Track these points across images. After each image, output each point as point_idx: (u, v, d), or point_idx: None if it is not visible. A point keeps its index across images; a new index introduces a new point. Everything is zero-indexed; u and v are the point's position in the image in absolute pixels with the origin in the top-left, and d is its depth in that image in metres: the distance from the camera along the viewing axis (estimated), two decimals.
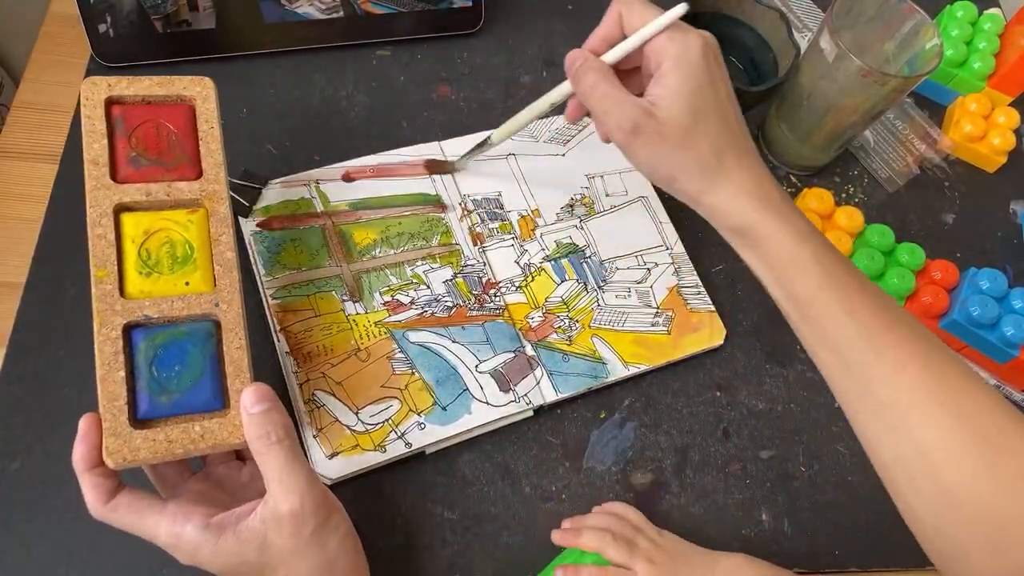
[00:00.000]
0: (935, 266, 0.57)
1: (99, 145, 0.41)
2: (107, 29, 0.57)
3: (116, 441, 0.36)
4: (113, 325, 0.37)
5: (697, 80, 0.38)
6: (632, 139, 0.38)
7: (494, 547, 0.47)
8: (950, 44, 0.66)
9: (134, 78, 0.42)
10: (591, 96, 0.40)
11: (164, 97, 0.43)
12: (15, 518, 0.44)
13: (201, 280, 0.40)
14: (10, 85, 0.81)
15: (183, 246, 0.40)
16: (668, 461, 0.50)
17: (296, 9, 0.59)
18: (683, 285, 0.55)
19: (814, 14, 0.71)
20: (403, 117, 0.61)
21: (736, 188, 0.38)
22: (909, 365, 0.35)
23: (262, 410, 0.37)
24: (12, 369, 0.48)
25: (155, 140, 0.42)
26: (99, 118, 0.41)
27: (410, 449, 0.47)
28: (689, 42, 0.38)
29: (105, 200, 0.40)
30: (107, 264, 0.38)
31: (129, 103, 0.42)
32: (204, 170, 0.42)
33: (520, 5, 0.68)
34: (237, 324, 0.39)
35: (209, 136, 0.43)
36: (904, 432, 0.34)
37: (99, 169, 0.40)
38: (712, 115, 0.38)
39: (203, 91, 0.44)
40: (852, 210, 0.57)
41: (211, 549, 0.35)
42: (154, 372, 0.37)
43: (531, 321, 0.52)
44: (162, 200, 0.41)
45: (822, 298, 0.37)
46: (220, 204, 0.42)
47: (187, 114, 0.43)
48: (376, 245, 0.53)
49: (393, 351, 0.50)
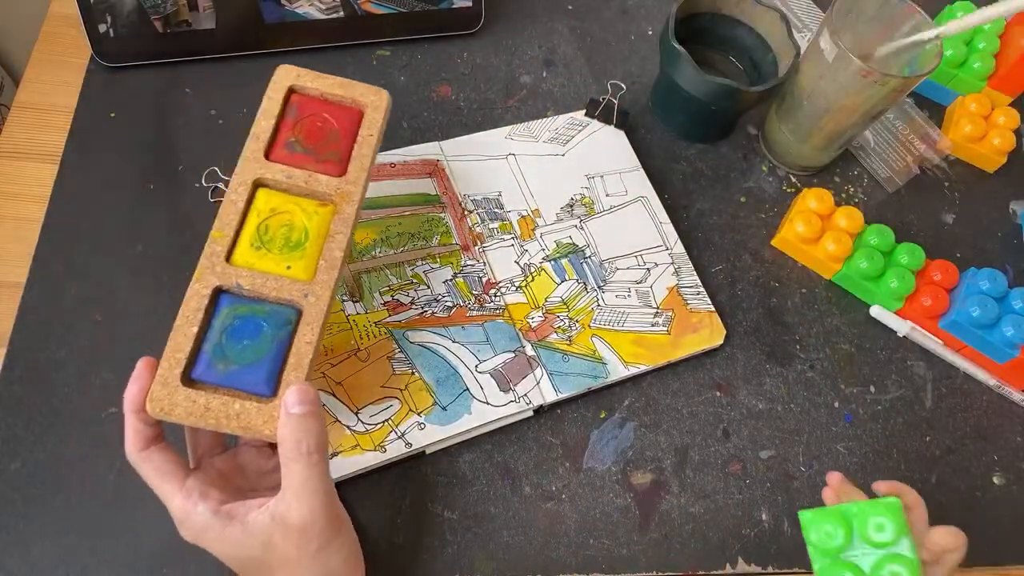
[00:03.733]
0: (935, 266, 0.57)
1: (267, 124, 0.43)
2: (107, 29, 0.57)
3: (162, 390, 0.36)
4: (207, 283, 0.39)
5: None
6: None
7: (494, 547, 0.47)
8: (950, 44, 0.66)
9: (320, 75, 0.45)
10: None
11: (341, 97, 0.45)
12: (15, 518, 0.44)
13: (302, 268, 0.40)
14: (10, 85, 0.82)
15: (300, 232, 0.41)
16: (668, 461, 0.50)
17: (296, 9, 0.59)
18: (683, 285, 0.55)
19: (814, 14, 0.71)
20: (403, 117, 0.61)
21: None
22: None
23: (301, 413, 0.36)
24: (12, 369, 0.48)
25: (316, 132, 0.44)
26: (278, 101, 0.44)
27: (410, 449, 0.47)
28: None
29: (249, 172, 0.42)
30: (226, 228, 0.40)
31: (308, 95, 0.45)
32: (348, 171, 0.44)
33: (520, 5, 0.68)
34: (317, 320, 0.40)
35: (365, 143, 0.45)
36: None
37: (257, 144, 0.43)
38: None
39: (377, 101, 0.46)
40: (852, 210, 0.57)
41: (216, 535, 0.35)
42: (223, 339, 0.38)
43: (531, 321, 0.52)
44: (299, 186, 0.42)
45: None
46: (349, 205, 0.43)
47: (355, 117, 0.45)
48: (376, 245, 0.53)
49: (393, 351, 0.50)
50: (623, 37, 0.68)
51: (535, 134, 0.60)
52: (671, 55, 0.56)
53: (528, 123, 0.60)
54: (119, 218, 0.54)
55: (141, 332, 0.50)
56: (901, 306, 0.56)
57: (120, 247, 0.53)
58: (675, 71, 0.57)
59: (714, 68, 0.63)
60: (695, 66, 0.55)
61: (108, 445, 0.46)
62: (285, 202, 0.42)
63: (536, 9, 0.69)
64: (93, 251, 0.52)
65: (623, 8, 0.70)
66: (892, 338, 0.57)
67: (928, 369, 0.56)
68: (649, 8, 0.70)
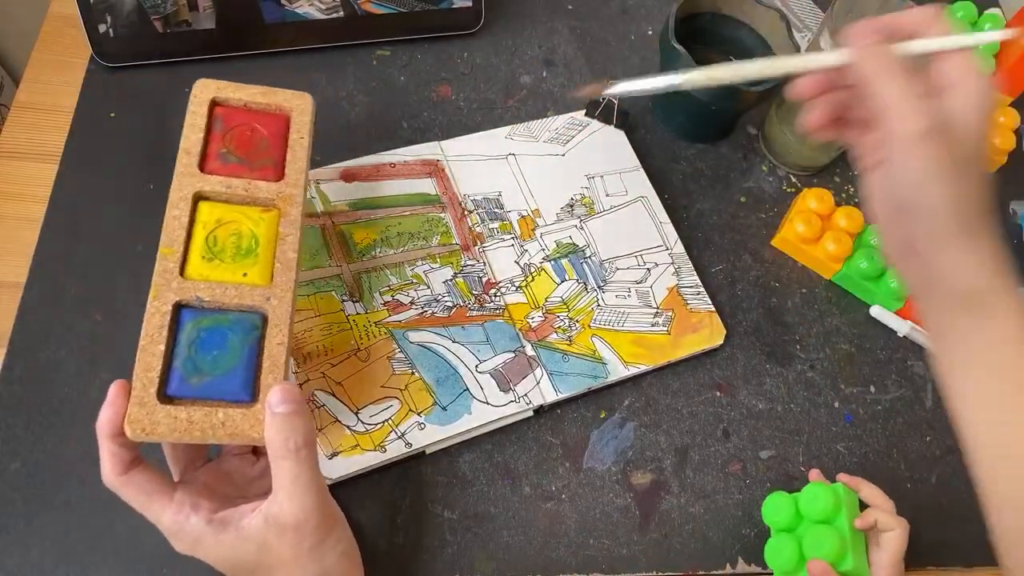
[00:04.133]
0: None
1: (195, 138, 0.44)
2: (107, 29, 0.57)
3: (140, 411, 0.36)
4: (166, 300, 0.39)
5: (986, 119, 0.33)
6: (924, 138, 0.32)
7: (494, 547, 0.47)
8: None
9: (241, 85, 0.46)
10: (887, 80, 0.33)
11: (265, 105, 0.46)
12: (15, 518, 0.44)
13: (259, 274, 0.41)
14: (10, 85, 0.82)
15: (249, 239, 0.42)
16: (668, 461, 0.50)
17: (296, 9, 0.59)
18: (683, 285, 0.55)
19: (814, 14, 0.71)
20: (403, 117, 0.61)
21: (987, 247, 0.34)
22: None
23: (286, 412, 0.36)
24: (12, 369, 0.48)
25: (247, 141, 0.45)
26: (202, 115, 0.44)
27: (410, 449, 0.47)
28: (986, 81, 0.34)
29: (187, 186, 0.42)
30: (174, 243, 0.40)
31: (231, 106, 0.46)
32: (286, 174, 0.44)
33: (520, 5, 0.68)
34: (283, 321, 0.40)
35: (298, 145, 0.45)
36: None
37: (190, 158, 0.43)
38: (984, 161, 0.34)
39: (301, 105, 0.47)
40: (852, 210, 0.57)
41: (212, 543, 0.35)
42: (192, 353, 0.38)
43: (531, 321, 0.52)
44: (240, 195, 0.43)
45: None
46: (293, 207, 0.43)
47: (282, 123, 0.46)
48: (376, 245, 0.53)
49: (393, 351, 0.50)
50: (623, 37, 0.68)
51: (535, 134, 0.60)
52: (671, 55, 0.56)
53: (528, 123, 0.60)
54: (119, 218, 0.54)
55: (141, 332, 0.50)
56: (901, 306, 0.56)
57: (120, 247, 0.53)
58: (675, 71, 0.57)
59: None
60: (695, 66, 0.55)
61: None
62: (229, 212, 0.42)
63: (536, 9, 0.69)
64: (93, 251, 0.52)
65: (623, 8, 0.70)
66: (892, 338, 0.57)
67: (928, 369, 0.56)
68: (649, 8, 0.70)
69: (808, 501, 0.45)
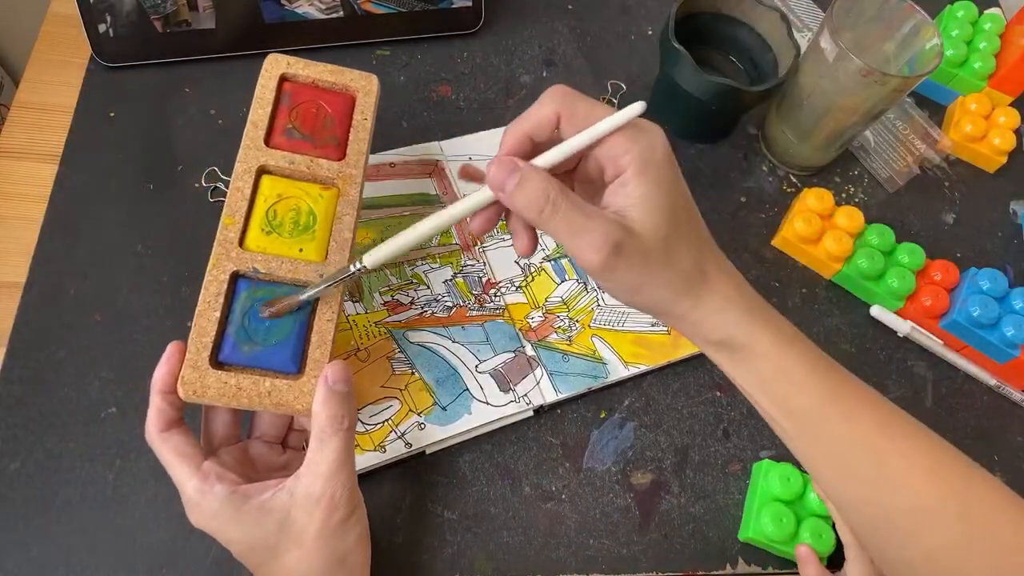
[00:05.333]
0: (935, 266, 0.57)
1: (263, 111, 0.44)
2: (107, 29, 0.57)
3: (193, 373, 0.37)
4: (224, 269, 0.39)
5: (669, 185, 0.33)
6: (613, 262, 0.32)
7: (494, 547, 0.47)
8: (950, 44, 0.66)
9: (310, 62, 0.46)
10: (549, 216, 0.32)
11: (332, 84, 0.46)
12: (15, 518, 0.44)
13: (314, 250, 0.41)
14: (10, 85, 0.82)
15: (307, 216, 0.42)
16: (668, 461, 0.50)
17: (296, 9, 0.59)
18: None
19: (814, 14, 0.71)
20: (403, 117, 0.61)
21: (721, 300, 0.34)
22: (914, 473, 0.34)
23: (343, 390, 0.37)
24: (12, 369, 0.48)
25: (312, 118, 0.45)
26: (271, 89, 0.45)
27: (410, 449, 0.47)
28: (653, 141, 0.33)
29: (252, 159, 0.42)
30: (236, 214, 0.41)
31: (300, 82, 0.46)
32: (347, 155, 0.45)
33: (520, 5, 0.68)
34: (335, 299, 0.41)
35: (361, 127, 0.46)
36: (912, 539, 0.34)
37: (256, 131, 0.43)
38: (686, 222, 0.34)
39: (367, 86, 0.47)
40: (852, 210, 0.57)
41: (230, 516, 0.35)
42: (246, 322, 0.39)
43: (531, 321, 0.52)
44: (302, 171, 0.43)
45: (822, 412, 0.35)
46: (352, 187, 0.44)
47: (347, 103, 0.46)
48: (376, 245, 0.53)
49: (393, 351, 0.50)
50: (623, 37, 0.68)
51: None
52: (671, 55, 0.56)
53: None
54: (119, 218, 0.54)
55: (141, 332, 0.50)
56: (901, 306, 0.56)
57: (120, 247, 0.53)
58: (675, 71, 0.57)
59: (714, 68, 0.63)
60: (695, 66, 0.55)
61: (108, 445, 0.46)
62: (290, 187, 0.43)
63: (536, 9, 0.68)
64: (93, 251, 0.52)
65: (623, 8, 0.70)
66: (892, 338, 0.57)
67: (928, 369, 0.56)
68: (649, 8, 0.70)
69: None
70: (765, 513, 0.47)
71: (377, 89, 0.47)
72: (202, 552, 0.44)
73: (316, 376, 0.38)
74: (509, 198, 0.33)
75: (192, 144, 0.57)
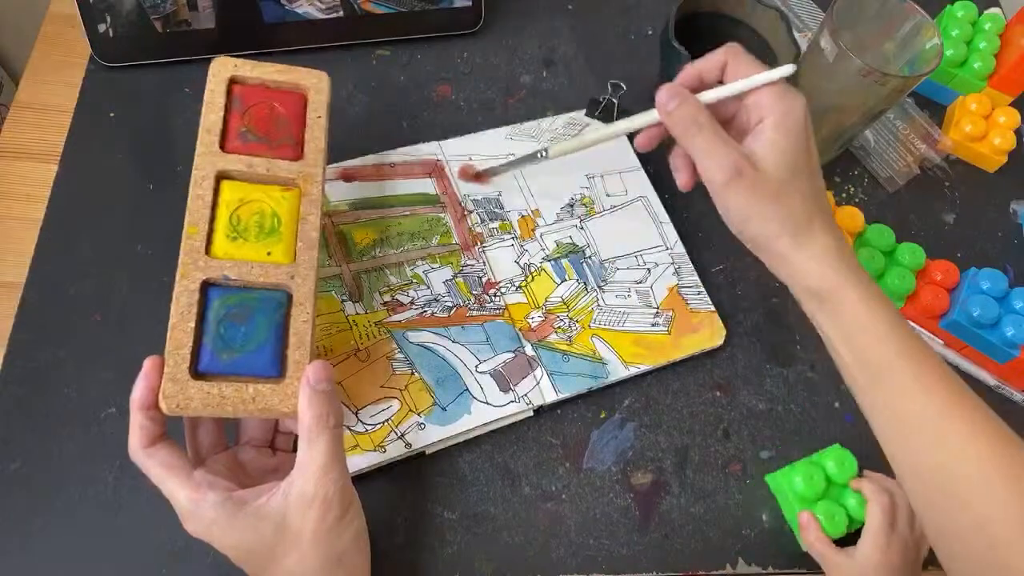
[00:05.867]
0: (935, 266, 0.57)
1: (215, 116, 0.44)
2: (107, 29, 0.57)
3: (174, 387, 0.37)
4: (193, 279, 0.39)
5: (798, 141, 0.38)
6: (730, 185, 0.38)
7: (494, 547, 0.47)
8: (950, 44, 0.66)
9: (257, 63, 0.46)
10: (693, 134, 0.39)
11: (282, 83, 0.46)
12: (15, 518, 0.44)
13: (282, 252, 0.41)
14: (10, 85, 0.82)
15: (271, 218, 0.42)
16: (668, 461, 0.50)
17: (296, 9, 0.59)
18: (683, 285, 0.55)
19: (814, 14, 0.71)
20: (403, 117, 0.61)
21: (822, 250, 0.38)
22: (977, 441, 0.35)
23: (326, 389, 0.37)
24: (12, 369, 0.48)
25: (265, 120, 0.45)
26: (220, 93, 0.44)
27: (410, 449, 0.47)
28: (795, 103, 0.38)
29: (209, 165, 0.42)
30: (199, 223, 0.41)
31: (249, 84, 0.45)
32: (305, 154, 0.45)
33: (520, 5, 0.68)
34: (307, 299, 0.41)
35: (316, 125, 0.46)
36: (966, 505, 0.35)
37: (210, 137, 0.43)
38: (806, 176, 0.39)
39: (318, 83, 0.47)
40: (852, 210, 0.57)
41: (226, 523, 0.35)
42: (221, 330, 0.39)
43: (531, 321, 0.52)
44: (261, 174, 0.43)
45: (897, 367, 0.37)
46: (314, 186, 0.44)
47: (299, 102, 0.46)
48: (376, 245, 0.53)
49: (393, 351, 0.50)
50: (623, 37, 0.68)
51: (535, 134, 0.60)
52: (671, 55, 0.56)
53: (528, 123, 0.60)
54: (119, 218, 0.54)
55: (141, 332, 0.50)
56: (901, 306, 0.56)
57: (120, 247, 0.53)
58: (675, 71, 0.57)
59: None
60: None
61: (108, 445, 0.46)
62: (251, 191, 0.43)
63: (536, 9, 0.68)
64: (93, 251, 0.52)
65: (623, 8, 0.70)
66: None
67: None
68: (649, 8, 0.70)
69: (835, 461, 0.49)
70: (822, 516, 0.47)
71: (328, 86, 0.47)
72: (202, 552, 0.44)
73: (299, 378, 0.38)
74: (668, 116, 0.40)
75: (192, 144, 0.57)
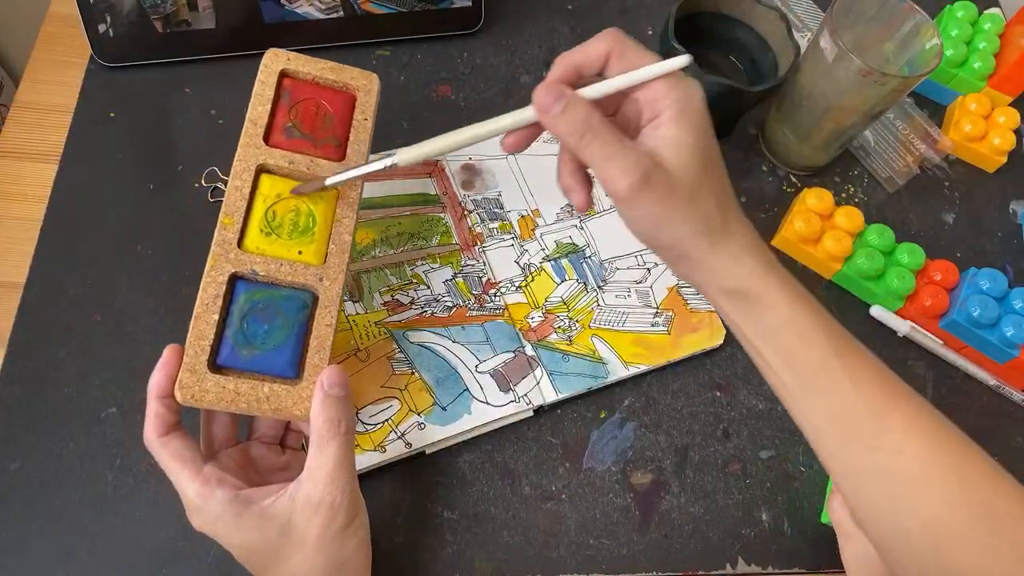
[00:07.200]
0: (935, 266, 0.57)
1: (262, 108, 0.43)
2: (107, 29, 0.57)
3: (191, 377, 0.36)
4: (222, 270, 0.39)
5: (701, 134, 0.35)
6: (640, 191, 0.34)
7: (494, 547, 0.47)
8: (950, 44, 0.66)
9: (311, 58, 0.45)
10: (588, 141, 0.34)
11: (332, 82, 0.45)
12: (15, 518, 0.44)
13: (314, 253, 0.41)
14: (10, 85, 0.82)
15: (307, 217, 0.41)
16: (668, 461, 0.50)
17: (296, 9, 0.59)
18: (683, 285, 0.55)
19: (814, 14, 0.71)
20: (403, 117, 0.61)
21: (739, 248, 0.35)
22: (916, 437, 0.34)
23: (340, 395, 0.37)
24: (12, 369, 0.48)
25: (312, 117, 0.44)
26: (270, 85, 0.44)
27: (410, 449, 0.47)
28: (691, 91, 0.35)
29: (252, 157, 0.42)
30: (235, 214, 0.40)
31: (300, 79, 0.45)
32: (347, 155, 0.44)
33: (520, 5, 0.68)
34: (333, 303, 0.40)
35: (361, 127, 0.45)
36: (907, 505, 0.34)
37: (255, 129, 0.42)
38: (714, 171, 0.36)
39: (368, 85, 0.46)
40: (852, 210, 0.57)
41: (232, 521, 0.35)
42: (244, 325, 0.38)
43: (531, 321, 0.52)
44: (302, 171, 0.42)
45: (828, 367, 0.35)
46: (353, 189, 0.43)
47: (348, 102, 0.45)
48: (376, 245, 0.53)
49: (393, 351, 0.50)
50: None
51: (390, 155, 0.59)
52: (671, 55, 0.56)
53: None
54: (119, 218, 0.54)
55: (141, 332, 0.50)
56: (901, 306, 0.56)
57: (120, 247, 0.53)
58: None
59: (714, 68, 0.63)
60: (695, 66, 0.55)
61: (108, 445, 0.46)
62: (289, 187, 0.42)
63: (536, 9, 0.68)
64: (93, 251, 0.52)
65: (623, 8, 0.70)
66: (892, 338, 0.57)
67: (928, 369, 0.56)
68: (649, 8, 0.70)
69: None
70: None
71: (378, 89, 0.46)
72: (202, 552, 0.44)
73: (315, 382, 0.38)
74: (552, 121, 0.35)
75: (192, 144, 0.57)
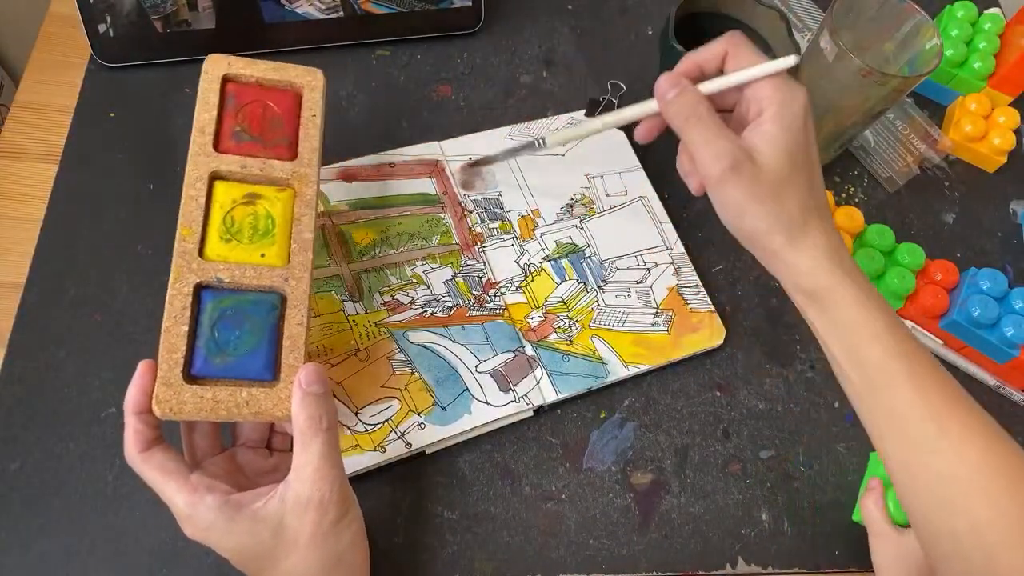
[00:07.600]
0: (935, 266, 0.57)
1: (208, 116, 0.43)
2: (107, 29, 0.57)
3: (167, 391, 0.36)
4: (186, 281, 0.39)
5: (797, 135, 0.37)
6: (728, 177, 0.36)
7: (494, 547, 0.47)
8: (950, 44, 0.66)
9: (251, 60, 0.45)
10: (692, 124, 0.38)
11: (276, 82, 0.45)
12: (15, 518, 0.44)
13: (276, 254, 0.41)
14: (10, 85, 0.82)
15: (266, 220, 0.42)
16: (668, 461, 0.50)
17: (296, 9, 0.59)
18: (683, 285, 0.55)
19: (814, 14, 0.71)
20: (403, 117, 0.61)
21: (816, 249, 0.37)
22: (972, 443, 0.35)
23: (319, 392, 0.37)
24: (12, 369, 0.48)
25: (259, 119, 0.44)
26: (214, 91, 0.43)
27: (410, 449, 0.47)
28: (795, 95, 0.37)
29: (203, 166, 0.41)
30: (192, 224, 0.40)
31: (243, 83, 0.45)
32: (299, 153, 0.44)
33: (520, 5, 0.68)
34: (302, 302, 0.40)
35: (310, 123, 0.45)
36: (960, 508, 0.34)
37: (204, 137, 0.42)
38: (804, 172, 0.38)
39: (312, 81, 0.46)
40: (852, 210, 0.57)
41: (224, 527, 0.35)
42: (215, 333, 0.38)
43: (531, 321, 0.52)
44: (255, 175, 0.42)
45: (891, 368, 0.36)
46: (308, 187, 0.43)
47: (294, 100, 0.45)
48: (376, 245, 0.53)
49: (393, 351, 0.50)
50: (623, 37, 0.68)
51: (535, 134, 0.60)
52: (671, 55, 0.56)
53: (528, 123, 0.60)
54: (119, 218, 0.54)
55: (141, 332, 0.50)
56: (901, 306, 0.56)
57: (120, 247, 0.53)
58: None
59: None
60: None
61: (108, 445, 0.46)
62: (245, 191, 0.42)
63: (536, 9, 0.68)
64: (93, 251, 0.52)
65: (623, 8, 0.70)
66: None
67: None
68: (649, 8, 0.70)
69: None
70: (891, 497, 0.48)
71: (323, 84, 0.46)
72: (202, 552, 0.44)
73: (292, 381, 0.38)
74: (666, 105, 0.39)
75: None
